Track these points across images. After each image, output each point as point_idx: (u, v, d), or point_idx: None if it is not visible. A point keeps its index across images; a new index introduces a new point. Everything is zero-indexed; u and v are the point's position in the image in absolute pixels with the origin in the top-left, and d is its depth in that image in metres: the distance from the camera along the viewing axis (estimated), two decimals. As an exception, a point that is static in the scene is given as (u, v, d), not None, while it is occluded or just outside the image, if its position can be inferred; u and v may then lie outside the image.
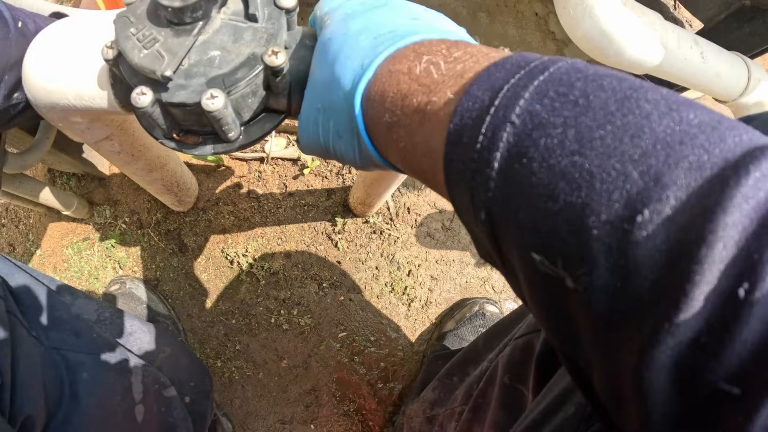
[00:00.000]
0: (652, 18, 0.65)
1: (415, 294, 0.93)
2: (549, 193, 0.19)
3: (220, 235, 0.95)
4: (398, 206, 0.95)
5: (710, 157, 0.17)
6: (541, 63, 0.22)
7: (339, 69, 0.31)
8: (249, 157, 0.95)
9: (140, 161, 0.68)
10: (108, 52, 0.38)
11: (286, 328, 0.93)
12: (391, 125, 0.28)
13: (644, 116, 0.19)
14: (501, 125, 0.21)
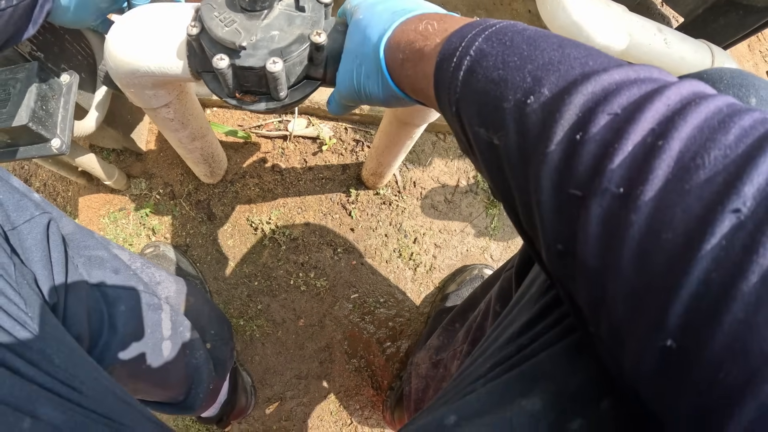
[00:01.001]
0: (618, 10, 0.76)
1: (420, 260, 1.03)
2: (486, 90, 0.31)
3: (246, 205, 1.05)
4: (405, 180, 1.05)
5: (570, 72, 0.28)
6: (494, 22, 0.35)
7: (369, 31, 0.44)
8: (273, 135, 1.05)
9: (187, 129, 0.79)
10: (192, 29, 0.50)
11: (303, 289, 1.02)
12: (402, 61, 0.40)
13: (540, 50, 0.30)
14: (464, 56, 0.33)
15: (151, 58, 0.56)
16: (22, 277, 0.44)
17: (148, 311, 0.64)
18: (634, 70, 0.28)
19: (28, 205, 0.50)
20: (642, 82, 0.26)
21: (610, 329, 0.25)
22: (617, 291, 0.24)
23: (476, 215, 1.05)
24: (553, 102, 0.27)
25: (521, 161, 0.29)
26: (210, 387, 0.75)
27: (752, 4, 0.88)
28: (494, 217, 1.05)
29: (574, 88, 0.27)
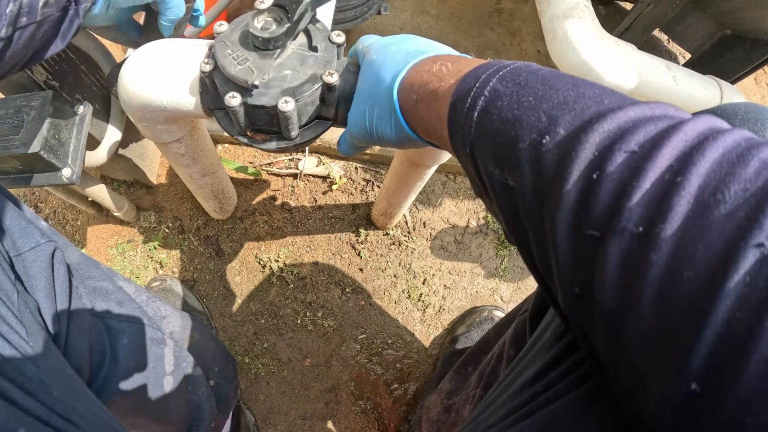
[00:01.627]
0: (627, 49, 0.78)
1: (429, 301, 1.03)
2: (501, 130, 0.31)
3: (255, 242, 1.05)
4: (415, 221, 1.06)
5: (585, 111, 0.28)
6: (508, 63, 0.35)
7: (382, 72, 0.44)
8: (284, 173, 1.06)
9: (198, 164, 0.79)
10: (205, 66, 0.50)
11: (310, 329, 1.01)
12: (416, 102, 0.41)
13: (555, 90, 0.31)
14: (478, 96, 0.34)
15: (164, 93, 0.57)
16: (25, 305, 0.44)
17: (151, 345, 0.63)
18: (650, 107, 0.27)
19: (35, 233, 0.49)
20: (658, 119, 0.26)
21: (629, 374, 0.25)
22: (637, 333, 0.23)
23: (486, 256, 1.05)
24: (569, 141, 0.27)
25: (536, 202, 0.29)
26: (212, 425, 0.73)
27: (758, 37, 0.91)
28: (504, 257, 1.05)
29: (590, 126, 0.27)
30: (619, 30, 1.01)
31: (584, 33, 0.82)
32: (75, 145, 0.73)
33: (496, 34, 1.29)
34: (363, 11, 1.05)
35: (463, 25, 1.28)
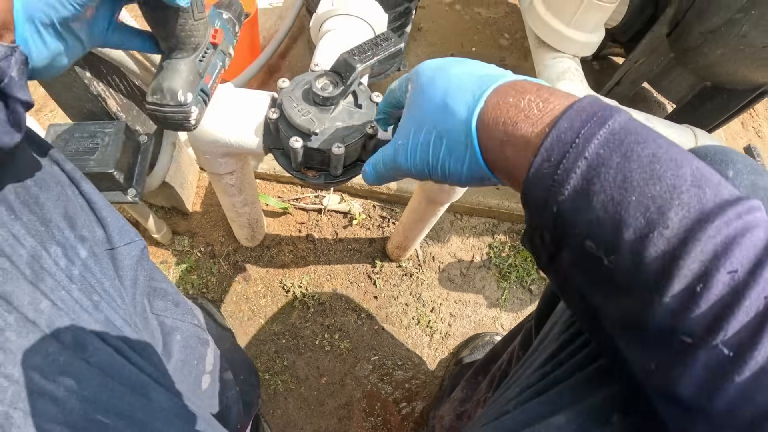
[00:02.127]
0: (611, 103, 0.94)
1: (436, 327, 1.15)
2: (604, 207, 0.29)
3: (280, 269, 1.15)
4: (425, 255, 1.18)
5: (691, 207, 0.28)
6: (604, 114, 0.32)
7: (451, 101, 0.38)
8: (309, 207, 1.18)
9: (242, 195, 0.90)
10: (272, 114, 0.62)
11: (328, 349, 1.12)
12: (503, 143, 0.35)
13: (662, 171, 0.29)
14: (579, 158, 0.31)
15: (233, 132, 0.68)
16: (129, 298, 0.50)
17: (198, 344, 0.69)
18: (748, 206, 0.28)
19: (130, 231, 0.54)
20: (758, 226, 0.27)
21: None
22: (703, 428, 0.27)
23: (489, 288, 1.18)
24: (677, 245, 0.27)
25: (629, 289, 0.29)
26: (237, 427, 0.79)
27: (734, 88, 1.04)
28: (505, 290, 1.18)
29: (699, 231, 0.27)
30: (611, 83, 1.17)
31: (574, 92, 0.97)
32: (139, 170, 0.84)
33: (498, 90, 1.44)
34: (386, 68, 1.19)
35: (469, 80, 1.43)
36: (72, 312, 0.41)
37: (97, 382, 0.40)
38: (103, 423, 0.39)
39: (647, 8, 1.02)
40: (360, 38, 0.83)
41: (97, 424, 0.39)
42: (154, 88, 0.53)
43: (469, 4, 1.61)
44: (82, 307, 0.42)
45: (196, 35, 0.52)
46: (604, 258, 0.30)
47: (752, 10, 0.79)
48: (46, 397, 0.37)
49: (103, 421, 0.39)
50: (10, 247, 0.40)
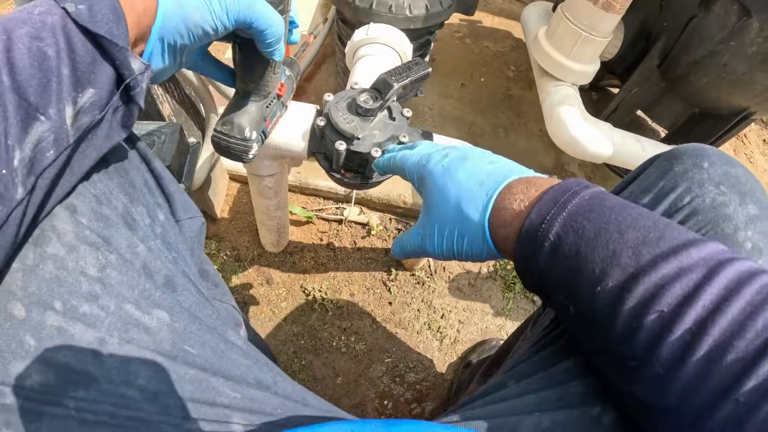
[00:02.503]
0: (604, 127, 1.05)
1: (446, 333, 1.22)
2: (563, 273, 0.39)
3: (301, 274, 1.24)
4: (436, 265, 1.27)
5: (627, 267, 0.36)
6: (565, 199, 0.40)
7: (466, 208, 0.46)
8: (331, 218, 1.27)
9: (277, 198, 0.99)
10: (320, 122, 0.72)
11: (344, 350, 1.19)
12: (506, 238, 0.44)
13: (605, 240, 0.37)
14: (545, 239, 0.40)
15: (284, 136, 0.77)
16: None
17: (233, 324, 0.75)
18: (682, 258, 0.35)
19: (192, 206, 0.59)
20: (685, 273, 0.33)
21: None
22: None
23: (495, 298, 1.26)
24: (617, 294, 0.35)
25: (589, 328, 0.39)
26: None
27: (720, 113, 1.13)
28: (510, 300, 1.26)
29: (632, 284, 0.35)
30: (607, 111, 1.27)
31: (573, 116, 1.07)
32: (188, 169, 0.93)
33: (506, 116, 1.55)
34: (406, 93, 1.31)
35: (479, 107, 1.55)
36: (160, 258, 0.46)
37: (186, 316, 0.44)
38: (190, 352, 0.43)
39: (639, 42, 1.14)
40: (390, 63, 0.95)
41: (184, 352, 0.43)
42: (225, 120, 0.62)
43: (478, 39, 1.75)
44: (167, 258, 0.47)
45: (270, 85, 0.62)
46: (570, 306, 0.40)
47: (731, 42, 0.90)
48: (140, 327, 0.41)
49: (190, 351, 0.43)
50: (107, 200, 0.44)
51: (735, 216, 0.47)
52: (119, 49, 0.37)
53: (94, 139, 0.39)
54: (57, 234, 0.39)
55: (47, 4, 0.35)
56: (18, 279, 0.37)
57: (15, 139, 0.32)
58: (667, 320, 0.33)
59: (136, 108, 0.42)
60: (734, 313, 0.31)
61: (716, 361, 0.31)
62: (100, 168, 0.45)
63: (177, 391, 0.41)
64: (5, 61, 0.32)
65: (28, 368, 0.36)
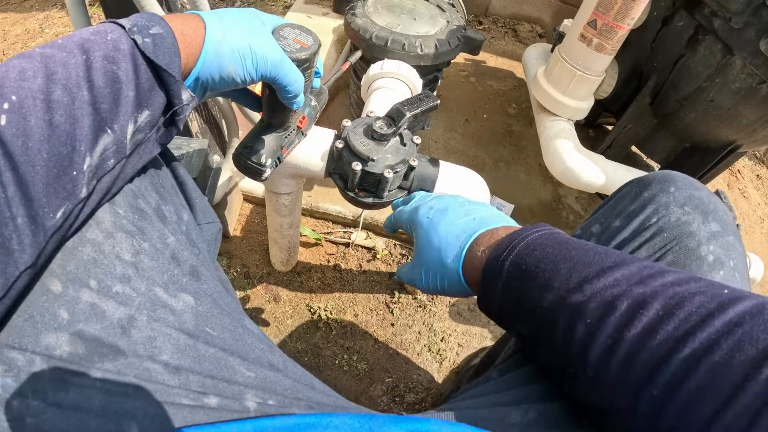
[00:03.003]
0: (597, 158, 1.11)
1: (445, 355, 1.25)
2: (513, 301, 0.46)
3: (308, 293, 1.28)
4: (439, 290, 1.31)
5: (558, 293, 0.42)
6: (515, 242, 0.47)
7: (445, 258, 0.54)
8: (339, 241, 1.33)
9: (292, 216, 1.05)
10: (339, 144, 0.78)
11: (346, 369, 1.22)
12: (474, 280, 0.51)
13: (542, 271, 0.44)
14: (498, 278, 0.47)
15: (304, 157, 0.83)
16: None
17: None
18: (602, 279, 0.41)
19: (211, 212, 0.63)
20: (606, 290, 0.39)
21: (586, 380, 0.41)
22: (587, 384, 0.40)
23: (493, 323, 1.28)
24: (551, 313, 0.42)
25: (538, 344, 0.46)
26: None
27: (709, 147, 1.18)
28: (508, 327, 1.30)
29: (561, 304, 0.41)
30: (603, 147, 1.33)
31: (568, 148, 1.14)
32: (211, 183, 1.00)
33: (507, 150, 1.62)
34: (414, 125, 1.39)
35: (482, 142, 1.62)
36: (187, 250, 0.50)
37: (209, 302, 0.48)
38: (210, 334, 0.46)
39: (632, 81, 1.21)
40: (402, 96, 1.03)
41: (206, 333, 0.46)
42: (246, 143, 0.69)
43: (482, 77, 1.84)
44: (192, 251, 0.50)
45: (291, 121, 0.69)
46: (522, 330, 0.47)
47: (717, 79, 0.97)
48: (167, 308, 0.44)
49: (211, 332, 0.46)
50: (142, 195, 0.48)
51: (698, 232, 0.51)
52: (175, 81, 0.43)
53: (141, 153, 0.44)
54: (97, 222, 0.43)
55: (118, 32, 0.40)
56: (58, 258, 0.39)
57: (87, 146, 0.37)
58: (592, 329, 0.38)
59: (175, 130, 0.47)
60: (648, 318, 0.36)
61: (633, 362, 0.36)
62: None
63: (197, 367, 0.44)
64: (86, 78, 0.37)
65: (58, 339, 0.37)
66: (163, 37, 0.42)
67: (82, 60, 0.37)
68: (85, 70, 0.37)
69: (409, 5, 1.18)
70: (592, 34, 1.02)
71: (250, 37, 0.49)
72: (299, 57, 0.54)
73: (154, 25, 0.42)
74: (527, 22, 2.18)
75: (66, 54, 0.37)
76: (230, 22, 0.48)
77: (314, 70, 0.61)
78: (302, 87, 0.56)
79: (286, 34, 0.55)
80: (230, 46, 0.47)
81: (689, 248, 0.51)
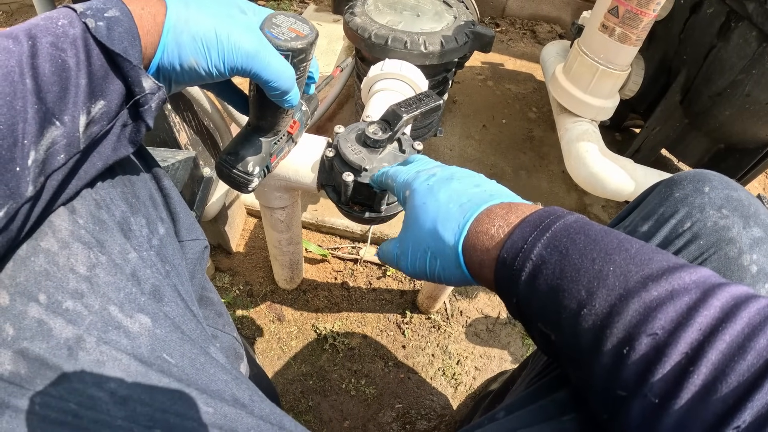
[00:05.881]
0: (625, 162, 1.00)
1: (461, 379, 1.16)
2: (547, 295, 0.37)
3: (314, 313, 1.21)
4: (453, 309, 1.22)
5: (615, 288, 0.34)
6: (549, 222, 0.39)
7: (442, 229, 0.45)
8: (346, 257, 1.25)
9: (290, 232, 0.99)
10: (329, 153, 0.70)
11: (353, 393, 1.14)
12: (481, 264, 0.42)
13: (590, 260, 0.35)
14: (526, 260, 0.38)
15: (293, 167, 0.77)
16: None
17: (234, 357, 0.74)
18: (672, 281, 0.32)
19: (197, 229, 0.58)
20: (679, 295, 0.31)
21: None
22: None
23: (514, 344, 1.19)
24: (605, 318, 0.33)
25: (573, 358, 0.37)
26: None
27: (746, 147, 1.09)
28: (529, 346, 1.19)
29: (622, 305, 0.32)
30: (630, 151, 1.23)
31: (592, 152, 1.04)
32: (201, 198, 0.94)
33: (528, 157, 1.53)
34: (424, 132, 1.30)
35: (501, 149, 1.53)
36: (151, 268, 0.46)
37: (168, 325, 0.44)
38: (167, 361, 0.43)
39: (660, 78, 1.11)
40: (404, 98, 0.95)
41: (162, 360, 0.42)
42: (230, 150, 0.62)
43: (500, 81, 1.76)
44: (158, 270, 0.47)
45: (281, 125, 0.62)
46: (552, 335, 0.37)
47: (753, 70, 0.87)
48: (121, 330, 0.41)
49: (168, 359, 0.43)
50: (106, 206, 0.45)
51: (739, 239, 0.44)
52: (132, 67, 0.39)
53: (101, 149, 0.41)
54: (53, 230, 0.40)
55: (69, 16, 0.37)
56: (8, 268, 0.37)
57: (31, 140, 0.34)
58: (661, 344, 0.30)
59: (144, 125, 0.43)
60: (733, 335, 0.29)
61: (715, 387, 0.28)
62: (105, 177, 0.46)
63: (147, 399, 0.41)
64: (30, 65, 0.34)
65: (1, 356, 0.36)
66: (119, 20, 0.38)
67: (27, 47, 0.35)
68: (29, 57, 0.34)
69: (412, 2, 1.11)
70: (614, 23, 0.92)
71: (218, 24, 0.44)
72: (294, 46, 0.49)
73: (110, 8, 0.39)
74: (546, 22, 2.10)
75: (11, 41, 0.34)
76: (198, 8, 0.43)
77: (310, 63, 0.55)
78: (292, 82, 0.50)
79: (279, 21, 0.49)
80: (191, 34, 0.42)
81: (729, 257, 0.45)
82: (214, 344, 0.50)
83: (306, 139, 0.79)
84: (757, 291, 0.43)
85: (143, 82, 0.40)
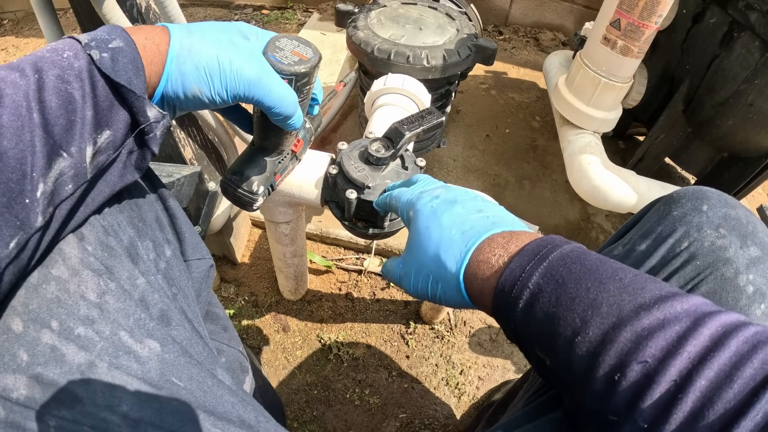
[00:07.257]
0: (627, 174, 1.00)
1: (465, 389, 1.16)
2: (543, 322, 0.37)
3: (318, 323, 1.22)
4: (457, 319, 1.22)
5: (609, 316, 0.34)
6: (546, 252, 0.40)
7: (444, 255, 0.45)
8: (351, 268, 1.26)
9: (294, 245, 1.00)
10: (333, 170, 0.71)
11: (357, 403, 1.14)
12: (481, 291, 0.43)
13: (585, 289, 0.36)
14: (524, 289, 0.39)
15: (297, 184, 0.78)
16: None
17: (239, 371, 0.75)
18: (663, 309, 0.33)
19: (203, 248, 0.60)
20: (669, 324, 0.32)
21: None
22: None
23: (517, 354, 1.19)
24: (597, 345, 0.34)
25: (567, 382, 0.38)
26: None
27: (749, 156, 1.08)
28: (533, 358, 1.20)
29: (614, 333, 0.33)
30: (634, 160, 1.23)
31: (594, 165, 1.04)
32: (206, 212, 0.95)
33: (531, 167, 1.53)
34: (427, 144, 1.31)
35: (504, 158, 1.54)
36: (159, 293, 0.47)
37: (176, 349, 0.45)
38: (176, 384, 0.44)
39: (663, 87, 1.11)
40: (407, 113, 0.96)
41: (171, 383, 0.43)
42: (235, 170, 0.62)
43: (503, 89, 1.76)
44: (165, 293, 0.48)
45: (285, 145, 0.63)
46: (547, 359, 0.38)
47: (756, 80, 0.87)
48: (131, 355, 0.42)
49: (176, 383, 0.44)
50: (114, 232, 0.45)
51: (735, 259, 0.44)
52: (136, 98, 0.40)
53: (108, 177, 0.42)
54: (63, 257, 0.41)
55: (74, 48, 0.38)
56: (21, 295, 0.38)
57: (40, 172, 0.35)
58: (651, 371, 0.31)
59: (149, 152, 0.44)
60: (721, 364, 0.30)
61: (703, 414, 0.29)
62: (112, 202, 0.47)
63: (158, 421, 0.41)
64: (37, 99, 0.35)
65: (16, 381, 0.36)
66: (123, 51, 0.39)
67: (34, 80, 0.35)
68: (36, 90, 0.35)
69: (414, 15, 1.12)
70: (616, 36, 0.93)
71: (220, 52, 0.44)
72: (297, 71, 0.49)
73: (114, 39, 0.40)
74: (549, 29, 2.10)
75: (18, 74, 0.35)
76: (201, 36, 0.45)
77: (314, 85, 0.55)
78: (294, 107, 0.50)
79: (282, 45, 0.50)
80: (194, 63, 0.43)
81: (726, 278, 0.45)
82: (220, 364, 0.51)
83: (310, 156, 0.80)
84: (752, 312, 0.43)
85: (148, 112, 0.41)
